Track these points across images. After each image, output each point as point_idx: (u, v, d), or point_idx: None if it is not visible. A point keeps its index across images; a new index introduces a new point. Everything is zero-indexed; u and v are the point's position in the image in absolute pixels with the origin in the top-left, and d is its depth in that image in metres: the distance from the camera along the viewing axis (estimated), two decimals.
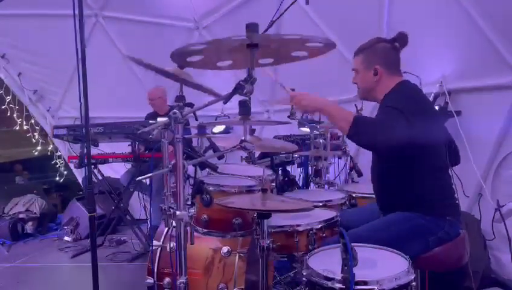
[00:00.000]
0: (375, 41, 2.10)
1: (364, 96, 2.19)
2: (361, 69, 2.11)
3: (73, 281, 3.75)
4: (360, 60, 2.11)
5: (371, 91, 2.11)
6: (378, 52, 2.07)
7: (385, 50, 2.06)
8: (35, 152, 5.96)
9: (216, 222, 2.05)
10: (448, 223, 1.89)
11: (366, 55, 2.09)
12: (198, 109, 1.70)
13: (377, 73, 2.04)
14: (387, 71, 2.04)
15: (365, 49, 2.11)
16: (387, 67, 2.04)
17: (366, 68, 2.08)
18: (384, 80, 2.05)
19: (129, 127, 3.81)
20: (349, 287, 1.38)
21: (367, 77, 2.08)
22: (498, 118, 2.94)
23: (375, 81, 2.05)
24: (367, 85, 2.11)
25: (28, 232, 4.99)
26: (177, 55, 1.54)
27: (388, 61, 2.06)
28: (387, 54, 2.06)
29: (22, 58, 5.21)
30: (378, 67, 2.03)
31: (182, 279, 1.66)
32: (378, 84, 2.06)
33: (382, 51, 2.06)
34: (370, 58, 2.07)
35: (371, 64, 2.05)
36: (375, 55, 2.07)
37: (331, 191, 3.11)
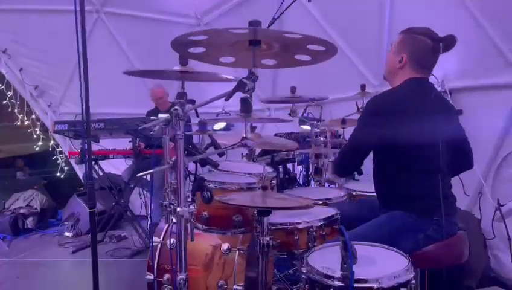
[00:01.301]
0: (420, 31, 2.02)
1: (386, 76, 2.17)
2: (394, 50, 2.07)
3: (73, 276, 3.76)
4: (397, 41, 2.07)
5: (390, 74, 2.11)
6: (414, 43, 2.01)
7: (422, 45, 1.99)
8: (36, 148, 5.96)
9: (216, 219, 2.05)
10: (436, 222, 1.89)
11: (403, 40, 2.05)
12: (199, 106, 1.70)
13: (401, 61, 2.01)
14: (412, 66, 2.00)
15: (407, 32, 2.05)
16: (415, 62, 2.00)
17: (397, 51, 2.04)
18: (405, 72, 2.02)
19: (130, 123, 3.81)
20: (349, 285, 1.38)
21: (393, 59, 2.05)
22: (499, 117, 2.94)
23: (397, 68, 2.03)
24: (389, 66, 2.10)
25: (29, 227, 5.00)
26: (178, 45, 1.54)
27: (419, 57, 2.00)
28: (422, 51, 2.00)
29: (23, 53, 5.21)
30: (406, 57, 2.00)
31: (181, 275, 1.66)
32: (398, 72, 2.04)
33: (419, 45, 2.00)
34: (404, 44, 2.03)
35: (401, 51, 2.02)
36: (410, 44, 2.01)
37: (332, 189, 3.11)
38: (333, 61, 1.87)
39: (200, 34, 1.49)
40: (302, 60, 1.64)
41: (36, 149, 5.99)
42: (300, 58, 1.63)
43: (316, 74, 3.94)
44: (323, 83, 4.28)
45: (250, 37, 1.47)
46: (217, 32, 1.51)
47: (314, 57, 1.61)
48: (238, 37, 1.49)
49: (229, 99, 1.48)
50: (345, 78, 4.04)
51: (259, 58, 1.60)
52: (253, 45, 1.48)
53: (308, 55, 1.60)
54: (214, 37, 1.53)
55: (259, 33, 1.45)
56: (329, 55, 1.57)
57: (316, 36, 1.43)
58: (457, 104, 3.15)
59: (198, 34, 1.49)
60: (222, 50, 1.63)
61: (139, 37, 5.12)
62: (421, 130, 1.91)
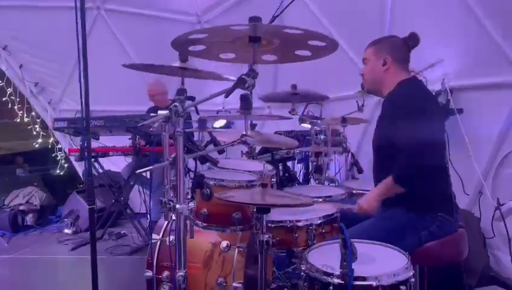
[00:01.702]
0: (387, 36, 2.21)
1: (370, 88, 2.25)
2: (371, 59, 2.16)
3: (72, 273, 3.76)
4: (371, 51, 2.17)
5: (377, 83, 2.17)
6: (390, 44, 2.14)
7: (397, 44, 2.13)
8: (36, 144, 5.96)
9: (216, 216, 2.05)
10: (440, 218, 1.91)
11: (379, 46, 2.16)
12: (199, 102, 1.70)
13: (385, 63, 2.10)
14: (396, 64, 2.10)
15: (378, 41, 2.18)
16: (396, 60, 2.10)
17: (376, 58, 2.14)
18: (392, 73, 2.10)
19: (130, 121, 3.80)
20: (348, 283, 1.38)
21: (376, 66, 2.13)
22: (500, 116, 2.93)
23: (383, 71, 2.11)
24: (375, 75, 2.16)
25: (28, 224, 5.00)
26: (179, 44, 1.54)
27: (398, 55, 2.11)
28: (398, 48, 2.12)
29: (23, 50, 5.20)
30: (388, 58, 2.09)
31: (181, 272, 1.66)
32: (385, 76, 2.11)
33: (394, 44, 2.14)
34: (381, 49, 2.14)
35: (382, 55, 2.11)
36: (386, 46, 2.13)
37: (331, 187, 3.11)
38: (333, 59, 1.88)
39: (200, 32, 1.49)
40: (302, 55, 1.64)
41: (36, 146, 5.98)
42: (301, 53, 1.63)
43: (316, 72, 3.94)
44: (323, 81, 4.27)
45: (250, 34, 1.46)
46: (217, 29, 1.50)
47: (314, 52, 1.60)
48: (238, 34, 1.48)
49: (228, 96, 1.48)
50: (345, 76, 4.04)
51: (259, 54, 1.60)
52: (254, 41, 1.48)
53: (309, 51, 1.59)
54: (214, 34, 1.52)
55: (259, 29, 1.44)
56: (330, 50, 1.57)
57: (316, 32, 1.42)
58: (458, 103, 3.15)
59: (198, 32, 1.49)
60: (222, 47, 1.63)
61: (139, 35, 5.12)
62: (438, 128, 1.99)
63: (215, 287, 2.09)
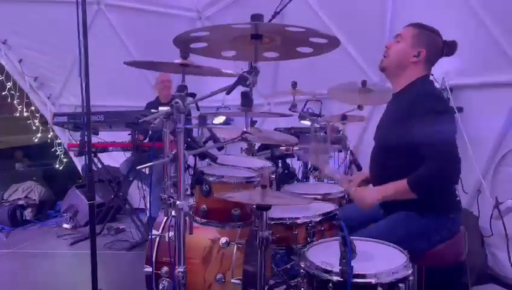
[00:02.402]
0: (436, 31, 2.03)
1: (387, 66, 2.07)
2: (408, 41, 2.00)
3: (71, 268, 3.77)
4: (413, 33, 2.01)
5: (399, 67, 2.03)
6: (433, 40, 2.01)
7: (437, 43, 2.01)
8: (35, 139, 5.95)
9: (215, 213, 2.05)
10: (451, 220, 1.91)
11: (422, 34, 2.00)
12: (200, 99, 1.70)
13: (419, 55, 1.98)
14: (425, 62, 2.00)
15: (425, 28, 2.02)
16: (428, 58, 2.00)
17: (413, 44, 1.99)
18: (417, 67, 2.00)
19: (130, 116, 3.80)
20: (347, 280, 1.39)
21: (407, 51, 1.99)
22: (499, 115, 2.94)
23: (412, 62, 1.99)
24: (401, 59, 2.01)
25: (27, 218, 5.01)
26: (181, 42, 1.53)
27: (433, 55, 2.01)
28: (437, 50, 2.01)
29: (23, 44, 5.19)
30: (424, 52, 1.98)
31: (180, 268, 1.67)
32: (410, 67, 2.00)
33: (435, 42, 2.01)
34: (423, 39, 2.00)
35: (420, 45, 1.98)
36: (429, 40, 2.00)
37: (331, 185, 3.11)
38: (334, 56, 1.88)
39: (202, 30, 1.49)
40: (304, 52, 1.64)
41: (35, 141, 5.97)
42: (302, 50, 1.62)
43: (317, 69, 3.93)
44: (323, 79, 4.27)
45: (251, 32, 1.46)
46: (218, 28, 1.50)
47: (316, 49, 1.60)
48: (239, 32, 1.48)
49: (229, 93, 1.48)
50: (346, 73, 4.03)
51: (261, 51, 1.60)
52: (255, 39, 1.48)
53: (310, 48, 1.59)
54: (215, 32, 1.52)
55: (261, 28, 1.44)
56: (331, 47, 1.56)
57: (317, 30, 1.42)
58: (458, 102, 3.15)
59: (200, 30, 1.49)
60: (224, 44, 1.63)
61: (139, 30, 5.11)
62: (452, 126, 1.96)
63: (214, 283, 2.10)
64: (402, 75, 2.03)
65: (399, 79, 2.05)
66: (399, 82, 2.05)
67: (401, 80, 2.03)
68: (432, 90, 2.01)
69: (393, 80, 2.09)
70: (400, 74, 2.03)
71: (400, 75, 2.04)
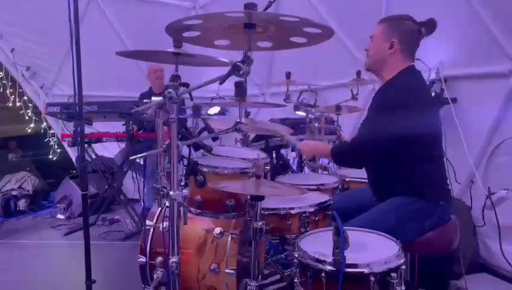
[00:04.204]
0: (405, 17, 2.04)
1: (370, 66, 2.13)
2: (379, 38, 2.05)
3: (65, 258, 3.77)
4: (381, 29, 2.05)
5: (379, 63, 2.07)
6: (402, 27, 2.02)
7: (410, 29, 2.01)
8: (28, 129, 5.91)
9: (209, 203, 2.05)
10: (441, 207, 1.93)
11: (389, 26, 2.03)
12: (194, 89, 1.69)
13: (392, 46, 2.00)
14: (403, 50, 2.00)
15: (391, 20, 2.06)
16: (404, 46, 2.00)
17: (384, 38, 2.02)
18: (396, 58, 2.01)
19: (123, 106, 3.78)
20: (340, 270, 1.40)
21: (381, 46, 2.03)
22: (493, 106, 2.95)
23: (388, 54, 2.01)
24: (378, 55, 2.06)
25: (21, 209, 4.99)
26: (173, 30, 1.52)
27: (408, 41, 2.01)
28: (410, 34, 2.01)
29: (15, 33, 5.12)
30: (396, 41, 1.99)
31: (174, 258, 1.67)
32: (388, 59, 2.02)
33: (406, 28, 2.01)
34: (392, 29, 2.02)
35: (390, 36, 2.00)
36: (398, 28, 2.02)
37: (325, 175, 3.12)
38: (328, 47, 1.87)
39: (195, 19, 1.47)
40: (298, 42, 1.63)
41: (28, 131, 5.93)
42: (296, 40, 1.62)
43: (311, 60, 3.92)
44: (318, 69, 4.26)
45: (245, 20, 1.45)
46: (211, 16, 1.49)
47: (310, 39, 1.59)
48: (233, 21, 1.47)
49: (223, 82, 1.47)
50: (340, 64, 4.03)
51: (254, 41, 1.59)
52: (248, 28, 1.47)
53: (304, 38, 1.58)
54: (208, 21, 1.51)
55: (254, 16, 1.43)
56: (325, 37, 1.56)
57: (311, 19, 1.41)
58: (452, 92, 3.16)
59: (193, 18, 1.48)
60: (217, 33, 1.61)
61: (133, 19, 5.06)
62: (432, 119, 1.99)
63: (208, 273, 2.11)
64: (385, 70, 2.06)
65: (383, 74, 2.08)
66: (384, 77, 2.08)
67: (385, 74, 2.06)
68: (404, 82, 1.99)
69: (379, 76, 2.12)
70: (383, 68, 2.07)
71: (383, 70, 2.07)
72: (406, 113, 1.85)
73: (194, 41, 1.66)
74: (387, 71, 2.04)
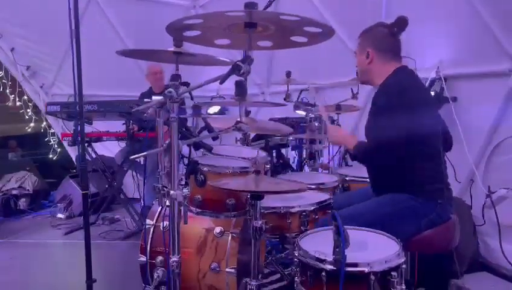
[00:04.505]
0: (374, 26, 2.13)
1: (361, 79, 2.24)
2: (358, 52, 2.16)
3: (66, 258, 3.77)
4: (358, 43, 2.16)
5: (365, 74, 2.16)
6: (372, 35, 2.11)
7: (380, 34, 2.08)
8: (28, 129, 5.91)
9: (209, 202, 2.05)
10: (440, 206, 1.93)
11: (363, 39, 2.15)
12: (194, 88, 1.69)
13: (368, 56, 2.08)
14: (380, 55, 2.07)
15: (363, 33, 2.16)
16: (380, 51, 2.07)
17: (360, 52, 2.14)
18: (377, 65, 2.07)
19: (123, 106, 3.78)
20: (341, 269, 1.40)
21: (361, 60, 2.13)
22: (493, 105, 2.95)
23: (367, 64, 2.09)
24: (361, 68, 2.17)
25: (21, 208, 4.99)
26: (174, 29, 1.52)
27: (382, 45, 2.07)
28: (382, 39, 2.07)
29: (15, 33, 5.12)
30: (370, 50, 2.07)
31: (174, 258, 1.67)
32: (371, 68, 2.09)
33: (376, 35, 2.09)
34: (365, 41, 2.12)
35: (364, 48, 2.10)
36: (369, 38, 2.11)
37: (325, 175, 3.12)
38: (328, 46, 1.87)
39: (195, 18, 1.48)
40: (298, 41, 1.63)
41: (28, 130, 5.93)
42: (297, 39, 1.62)
43: (311, 59, 3.92)
44: (318, 69, 4.26)
45: (245, 20, 1.45)
46: (212, 15, 1.49)
47: (310, 38, 1.59)
48: (233, 20, 1.47)
49: (223, 82, 1.47)
50: (340, 63, 4.02)
51: (255, 40, 1.59)
52: (249, 27, 1.47)
53: (305, 37, 1.58)
54: (209, 20, 1.51)
55: (255, 15, 1.43)
56: (325, 37, 1.56)
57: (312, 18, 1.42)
58: (452, 92, 3.16)
59: (194, 17, 1.48)
60: (217, 33, 1.61)
61: (133, 18, 5.06)
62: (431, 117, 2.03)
63: (208, 272, 2.11)
64: (374, 78, 2.12)
65: (375, 82, 2.13)
66: (375, 84, 2.13)
67: (376, 81, 2.10)
68: (395, 82, 2.01)
69: (373, 84, 2.18)
70: (371, 77, 2.14)
71: (372, 79, 2.14)
72: (401, 112, 1.87)
73: (195, 41, 1.67)
74: (377, 78, 2.10)
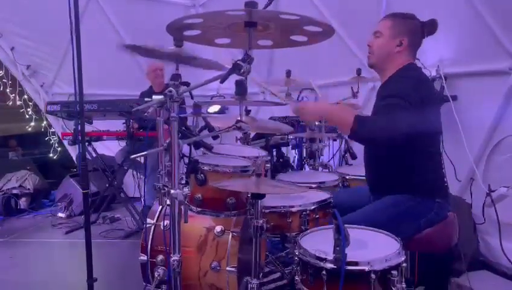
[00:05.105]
0: (411, 16, 2.04)
1: (376, 62, 2.09)
2: (386, 34, 2.02)
3: (66, 257, 3.78)
4: (389, 25, 2.03)
5: (385, 60, 2.05)
6: (411, 26, 2.02)
7: (417, 28, 2.02)
8: (29, 128, 5.91)
9: (210, 201, 2.06)
10: (438, 204, 1.93)
11: (398, 23, 2.02)
12: (194, 88, 1.69)
13: (401, 44, 2.00)
14: (410, 49, 2.02)
15: (400, 17, 2.04)
16: (411, 45, 2.02)
17: (392, 35, 2.01)
18: (403, 55, 2.01)
19: (123, 105, 3.78)
20: (341, 268, 1.40)
21: (390, 43, 2.01)
22: (493, 104, 2.94)
23: (396, 52, 2.01)
24: (385, 52, 2.03)
25: (22, 208, 4.99)
26: (174, 29, 1.52)
27: (415, 40, 2.03)
28: (417, 33, 2.02)
29: (15, 32, 5.12)
30: (405, 40, 1.99)
31: (175, 257, 1.67)
32: (396, 57, 2.02)
33: (415, 28, 2.02)
34: (401, 27, 2.01)
35: (400, 34, 2.00)
36: (407, 27, 2.02)
37: (325, 173, 3.13)
38: (329, 45, 1.87)
39: (196, 17, 1.48)
40: (298, 40, 1.63)
41: (28, 130, 5.93)
42: (297, 38, 1.62)
43: (312, 57, 3.92)
44: (318, 67, 4.26)
45: (246, 19, 1.45)
46: (212, 14, 1.49)
47: (310, 37, 1.59)
48: (233, 19, 1.47)
49: (223, 81, 1.47)
50: (340, 62, 4.03)
51: (255, 39, 1.59)
52: (249, 26, 1.47)
53: (305, 36, 1.58)
54: (209, 19, 1.51)
55: (255, 14, 1.43)
56: (325, 36, 1.56)
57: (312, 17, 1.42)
58: (452, 90, 3.16)
59: (194, 17, 1.48)
60: (218, 32, 1.61)
61: (133, 17, 5.05)
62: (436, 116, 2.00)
63: (209, 271, 2.12)
64: (389, 68, 2.05)
65: (386, 72, 2.07)
66: (386, 74, 2.08)
67: (388, 72, 2.06)
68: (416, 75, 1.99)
69: (381, 73, 2.11)
70: (388, 66, 2.05)
71: (387, 68, 2.06)
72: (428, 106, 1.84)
73: (195, 40, 1.67)
74: (391, 68, 2.04)
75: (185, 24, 1.50)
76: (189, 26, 1.52)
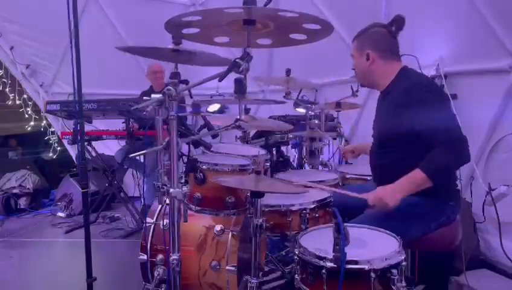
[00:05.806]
0: (369, 26, 2.08)
1: (363, 82, 2.19)
2: (356, 55, 2.10)
3: (66, 256, 3.77)
4: (355, 45, 2.11)
5: (367, 77, 2.11)
6: (370, 36, 2.06)
7: (378, 34, 2.04)
8: (28, 128, 5.91)
9: (209, 200, 2.06)
10: (450, 208, 1.92)
11: (361, 40, 2.09)
12: (193, 86, 1.68)
13: (368, 58, 2.03)
14: (381, 56, 2.03)
15: (361, 33, 2.10)
16: (380, 52, 2.03)
17: (359, 54, 2.07)
18: (380, 65, 2.03)
19: (123, 104, 3.78)
20: (341, 266, 1.40)
21: (360, 62, 2.08)
22: (493, 102, 2.94)
23: (369, 66, 2.04)
24: (362, 71, 2.11)
25: (22, 207, 5.00)
26: (172, 27, 1.52)
27: (381, 46, 2.03)
28: (381, 39, 2.04)
29: (14, 31, 5.11)
30: (370, 51, 2.02)
31: (174, 256, 1.67)
32: (373, 70, 2.05)
33: (375, 36, 2.05)
34: (363, 42, 2.07)
35: (363, 50, 2.04)
36: (367, 39, 2.06)
37: (325, 172, 3.12)
38: (328, 44, 1.86)
39: (194, 15, 1.47)
40: (297, 39, 1.63)
41: (28, 129, 5.93)
42: (296, 37, 1.62)
43: (312, 56, 3.91)
44: (318, 66, 4.26)
45: (244, 17, 1.45)
46: (211, 12, 1.48)
47: (310, 36, 1.59)
48: (232, 17, 1.46)
49: (222, 79, 1.47)
50: (340, 61, 4.01)
51: (254, 38, 1.58)
52: (248, 24, 1.46)
53: (304, 34, 1.58)
54: (208, 17, 1.51)
55: (253, 12, 1.43)
56: (324, 34, 1.56)
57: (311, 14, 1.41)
58: (452, 89, 3.15)
59: (192, 14, 1.47)
60: (216, 30, 1.61)
61: (132, 16, 5.05)
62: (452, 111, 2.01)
63: (209, 270, 2.11)
64: (376, 81, 2.09)
65: (377, 85, 2.11)
66: (380, 85, 2.09)
67: (380, 82, 2.08)
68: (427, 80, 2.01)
69: (375, 86, 2.14)
70: (374, 79, 2.09)
71: (375, 82, 2.10)
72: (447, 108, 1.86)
73: (194, 38, 1.66)
74: (381, 79, 2.06)
75: (183, 22, 1.49)
76: (188, 24, 1.51)
